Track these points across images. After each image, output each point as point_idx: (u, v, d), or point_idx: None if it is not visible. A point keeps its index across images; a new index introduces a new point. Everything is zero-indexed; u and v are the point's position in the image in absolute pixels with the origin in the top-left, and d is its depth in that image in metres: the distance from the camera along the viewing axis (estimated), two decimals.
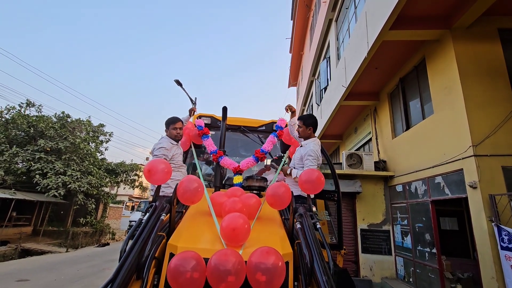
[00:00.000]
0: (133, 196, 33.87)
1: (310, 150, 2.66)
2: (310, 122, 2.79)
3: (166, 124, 2.90)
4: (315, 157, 2.64)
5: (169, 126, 2.88)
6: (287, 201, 2.12)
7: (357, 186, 7.42)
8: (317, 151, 2.67)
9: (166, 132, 2.90)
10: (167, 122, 2.90)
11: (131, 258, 1.54)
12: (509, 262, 3.78)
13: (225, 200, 2.14)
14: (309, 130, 2.80)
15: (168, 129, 2.88)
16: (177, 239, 1.74)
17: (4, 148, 13.21)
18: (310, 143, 2.74)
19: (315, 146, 2.69)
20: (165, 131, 2.91)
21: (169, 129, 2.87)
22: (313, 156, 2.62)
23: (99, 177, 16.60)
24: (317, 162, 2.68)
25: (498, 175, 4.38)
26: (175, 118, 2.96)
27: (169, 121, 2.90)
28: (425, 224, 5.88)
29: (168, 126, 2.88)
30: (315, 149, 2.65)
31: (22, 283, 6.17)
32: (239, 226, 1.70)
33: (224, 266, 1.43)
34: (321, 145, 2.98)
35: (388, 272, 7.04)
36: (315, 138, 2.83)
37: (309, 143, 2.76)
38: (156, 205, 2.00)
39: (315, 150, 2.64)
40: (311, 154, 2.63)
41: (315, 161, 2.63)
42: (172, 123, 2.89)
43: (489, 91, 4.81)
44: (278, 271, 1.48)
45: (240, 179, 2.99)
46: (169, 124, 2.89)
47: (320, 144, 2.84)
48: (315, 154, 2.63)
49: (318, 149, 2.72)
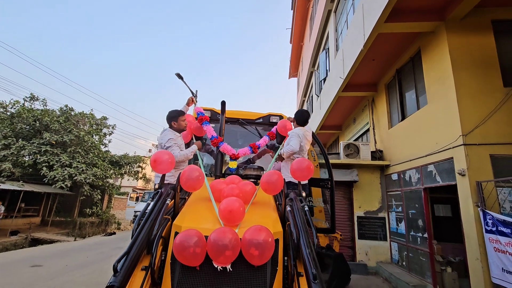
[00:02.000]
0: (136, 188, 34.42)
1: (293, 133, 3.15)
2: (295, 116, 3.38)
3: (174, 117, 3.05)
4: (296, 135, 3.09)
5: (178, 119, 3.06)
6: (280, 187, 2.36)
7: (353, 175, 7.65)
8: (299, 134, 3.11)
9: (174, 124, 3.06)
10: (175, 115, 3.06)
11: (142, 235, 1.79)
12: (493, 244, 4.02)
13: (223, 187, 2.38)
14: (294, 122, 3.34)
15: (177, 121, 3.05)
16: (181, 220, 1.99)
17: (11, 141, 13.52)
18: (294, 129, 3.21)
19: (297, 130, 3.18)
20: (173, 123, 3.07)
21: (178, 121, 3.05)
22: (294, 135, 3.09)
23: (104, 169, 16.97)
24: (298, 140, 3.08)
25: (486, 163, 4.58)
26: (182, 111, 3.18)
27: (177, 114, 3.08)
28: (418, 210, 6.13)
29: (177, 118, 3.06)
30: (296, 131, 3.14)
31: (36, 268, 6.56)
32: (235, 208, 1.94)
33: (222, 241, 1.68)
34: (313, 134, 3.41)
35: (383, 257, 7.35)
36: (300, 127, 3.20)
37: (291, 131, 3.21)
38: (161, 191, 2.24)
39: (296, 132, 3.12)
40: (293, 135, 3.11)
41: (295, 138, 3.06)
42: (182, 115, 3.10)
43: (481, 82, 4.96)
44: (268, 246, 1.72)
45: (235, 165, 3.24)
46: (177, 116, 3.06)
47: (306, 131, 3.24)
48: (295, 134, 3.10)
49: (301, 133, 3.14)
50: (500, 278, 3.88)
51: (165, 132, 3.06)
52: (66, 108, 16.13)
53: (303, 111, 3.33)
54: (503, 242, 3.84)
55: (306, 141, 3.32)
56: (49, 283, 5.39)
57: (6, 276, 5.82)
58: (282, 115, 4.10)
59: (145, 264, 1.81)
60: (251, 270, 1.76)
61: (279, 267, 1.86)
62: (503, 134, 4.67)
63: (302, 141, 3.14)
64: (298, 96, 19.82)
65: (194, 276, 1.72)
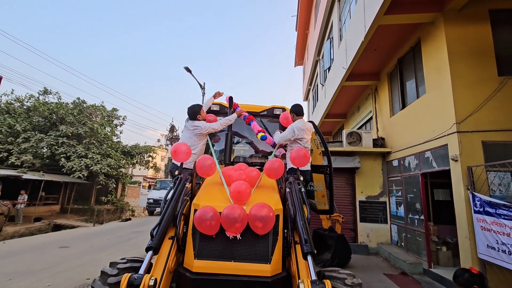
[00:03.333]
0: (147, 177, 35.47)
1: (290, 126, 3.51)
2: (291, 109, 3.70)
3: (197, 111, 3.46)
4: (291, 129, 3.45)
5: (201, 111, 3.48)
6: (281, 172, 2.76)
7: (356, 162, 7.99)
8: (295, 127, 3.44)
9: (199, 117, 3.45)
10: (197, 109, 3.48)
11: (168, 211, 2.24)
12: (480, 224, 4.37)
13: (233, 173, 2.80)
14: (292, 116, 3.65)
15: (200, 114, 3.46)
16: (199, 200, 2.42)
17: (30, 134, 14.23)
18: (293, 123, 3.53)
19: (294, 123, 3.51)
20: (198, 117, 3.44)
21: (201, 114, 3.46)
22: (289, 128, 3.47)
23: (117, 159, 17.68)
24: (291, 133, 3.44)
25: (477, 149, 4.87)
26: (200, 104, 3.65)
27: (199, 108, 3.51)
28: (416, 194, 6.48)
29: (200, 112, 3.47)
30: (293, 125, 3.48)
31: (64, 249, 7.25)
32: (242, 190, 2.36)
33: (233, 215, 2.11)
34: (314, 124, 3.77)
35: (383, 238, 7.78)
36: (300, 120, 3.57)
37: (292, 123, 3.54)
38: (181, 177, 2.67)
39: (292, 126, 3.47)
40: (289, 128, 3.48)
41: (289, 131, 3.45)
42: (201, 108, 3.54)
43: (476, 71, 5.16)
44: (270, 219, 2.15)
45: (262, 134, 3.84)
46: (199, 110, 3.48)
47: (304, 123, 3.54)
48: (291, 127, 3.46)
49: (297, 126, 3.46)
50: (485, 254, 4.25)
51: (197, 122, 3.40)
52: (78, 100, 16.72)
53: (298, 105, 3.68)
54: (488, 221, 4.19)
55: (306, 131, 3.64)
56: (78, 261, 6.04)
57: (39, 256, 6.50)
58: (284, 107, 4.45)
59: (171, 235, 2.27)
60: (256, 239, 2.19)
61: (279, 237, 2.29)
62: (496, 121, 4.92)
63: (297, 133, 3.43)
64: (304, 85, 19.93)
65: (210, 243, 2.16)
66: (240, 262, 2.11)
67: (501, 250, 3.97)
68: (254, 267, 2.09)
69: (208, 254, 2.13)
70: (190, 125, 3.37)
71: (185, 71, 11.59)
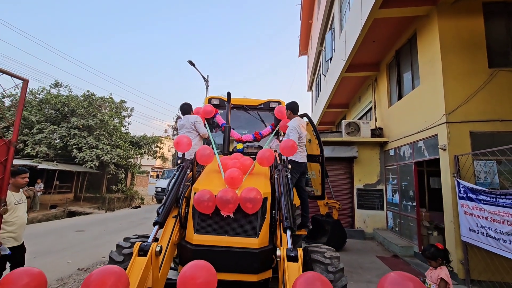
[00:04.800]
0: (155, 166, 36.36)
1: (291, 126, 3.72)
2: (288, 106, 3.90)
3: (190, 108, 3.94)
4: (294, 129, 3.67)
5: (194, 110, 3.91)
6: (271, 161, 3.11)
7: (354, 152, 8.28)
8: (296, 125, 3.68)
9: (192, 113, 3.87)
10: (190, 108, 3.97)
11: (172, 194, 2.62)
12: (463, 209, 4.67)
13: (229, 161, 3.16)
14: (289, 113, 3.87)
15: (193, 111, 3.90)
16: (198, 184, 2.80)
17: (44, 126, 14.87)
18: (291, 122, 3.74)
19: (294, 122, 3.74)
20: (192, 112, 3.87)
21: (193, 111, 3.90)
22: (292, 130, 3.67)
23: (126, 149, 18.31)
24: (296, 134, 3.63)
25: (465, 139, 5.11)
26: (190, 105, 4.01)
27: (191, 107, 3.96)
28: (409, 182, 6.77)
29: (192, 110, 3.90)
30: (293, 124, 3.70)
31: (80, 233, 7.86)
32: (235, 176, 2.72)
33: (226, 197, 2.48)
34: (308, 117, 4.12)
35: (379, 224, 8.13)
36: (295, 118, 3.78)
37: (290, 122, 3.76)
38: (183, 165, 3.04)
39: (294, 126, 3.68)
40: (291, 129, 3.69)
41: (294, 133, 3.66)
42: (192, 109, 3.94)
43: (467, 64, 5.34)
44: (258, 201, 2.51)
45: (241, 146, 4.03)
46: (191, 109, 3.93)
47: (300, 120, 3.80)
48: (293, 128, 3.67)
49: (297, 124, 3.69)
50: (467, 236, 4.57)
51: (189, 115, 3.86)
52: (88, 93, 17.24)
53: (295, 102, 3.97)
54: (470, 206, 4.48)
55: (302, 127, 3.96)
56: (94, 243, 6.60)
57: (59, 238, 7.10)
58: (280, 101, 4.76)
59: (175, 214, 2.66)
60: (246, 217, 2.56)
61: (267, 216, 2.65)
62: (484, 112, 5.13)
63: (299, 131, 3.74)
64: (308, 75, 19.97)
65: (208, 220, 2.55)
66: (232, 236, 2.49)
67: (480, 232, 4.28)
68: (244, 241, 2.47)
69: (206, 230, 2.52)
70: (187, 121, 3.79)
71: (189, 64, 11.87)
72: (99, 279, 1.17)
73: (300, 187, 3.94)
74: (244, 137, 4.17)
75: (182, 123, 3.88)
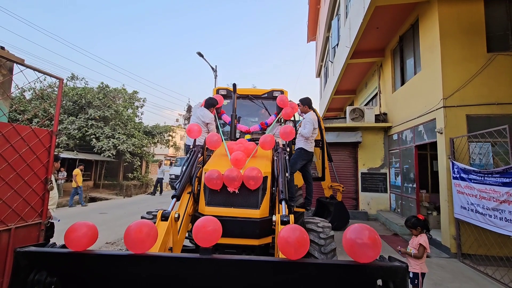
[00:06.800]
0: (168, 155, 37.42)
1: (308, 118, 4.09)
2: (305, 102, 4.28)
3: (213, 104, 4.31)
4: (311, 122, 4.04)
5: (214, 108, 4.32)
6: (272, 145, 3.52)
7: (358, 137, 8.55)
8: (312, 119, 4.06)
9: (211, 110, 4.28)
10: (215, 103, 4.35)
11: (186, 173, 3.08)
12: (456, 188, 4.97)
13: (234, 146, 3.59)
14: (305, 108, 4.25)
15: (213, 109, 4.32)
16: (208, 166, 3.25)
17: (63, 118, 15.70)
18: (308, 115, 4.09)
19: (311, 115, 4.12)
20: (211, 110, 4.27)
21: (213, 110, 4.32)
22: (309, 122, 4.05)
23: (140, 138, 19.08)
24: (312, 126, 4.02)
25: (461, 122, 5.32)
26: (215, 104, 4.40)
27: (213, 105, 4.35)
28: (410, 165, 7.04)
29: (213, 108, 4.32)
30: (310, 117, 4.08)
31: (103, 214, 8.62)
32: (239, 158, 3.15)
33: (232, 176, 2.91)
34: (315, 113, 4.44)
35: (383, 206, 8.48)
36: (310, 112, 4.15)
37: (306, 115, 4.12)
38: (195, 150, 3.49)
39: (311, 118, 4.06)
40: (308, 121, 4.06)
41: (310, 124, 4.02)
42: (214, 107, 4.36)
43: (466, 49, 5.47)
44: (258, 178, 2.93)
45: (249, 137, 4.45)
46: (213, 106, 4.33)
47: (314, 113, 4.19)
48: (310, 120, 4.05)
49: (313, 117, 4.09)
50: (459, 213, 4.89)
51: (206, 111, 4.23)
52: (102, 85, 17.91)
53: (308, 98, 4.33)
54: (462, 186, 4.78)
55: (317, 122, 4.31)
56: (117, 223, 7.28)
57: (85, 219, 7.74)
58: (283, 90, 5.09)
59: (189, 191, 3.13)
60: (249, 192, 3.00)
61: (267, 192, 3.08)
62: (482, 96, 5.31)
63: (315, 125, 4.11)
64: (316, 61, 19.91)
65: (217, 195, 3.00)
66: (237, 208, 2.93)
67: (470, 209, 4.59)
68: (247, 212, 2.91)
69: (215, 203, 2.97)
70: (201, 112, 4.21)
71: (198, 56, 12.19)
72: (138, 227, 1.63)
73: (307, 172, 4.33)
74: (251, 128, 4.58)
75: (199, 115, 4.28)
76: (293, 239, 1.45)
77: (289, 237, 1.45)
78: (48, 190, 2.92)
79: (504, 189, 3.87)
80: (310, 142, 4.11)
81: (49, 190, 2.92)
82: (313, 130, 4.10)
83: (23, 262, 1.39)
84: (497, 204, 3.98)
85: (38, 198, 2.82)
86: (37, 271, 1.40)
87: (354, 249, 1.34)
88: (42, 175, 2.86)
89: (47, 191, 2.92)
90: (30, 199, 2.73)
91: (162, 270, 1.54)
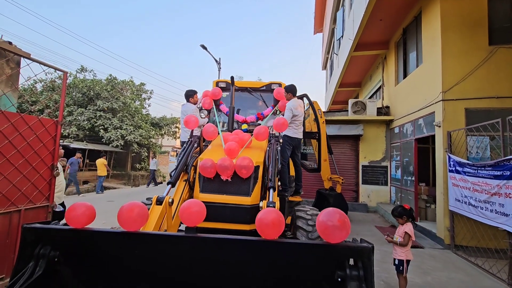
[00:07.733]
0: (175, 147, 37.87)
1: (288, 106, 4.13)
2: (289, 89, 4.29)
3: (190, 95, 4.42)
4: (289, 109, 4.11)
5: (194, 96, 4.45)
6: (265, 136, 3.65)
7: (359, 130, 8.58)
8: (292, 106, 4.09)
9: (191, 99, 4.42)
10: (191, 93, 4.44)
11: (182, 162, 3.26)
12: (452, 181, 5.02)
13: (230, 137, 3.74)
14: (289, 95, 4.25)
15: (193, 98, 4.45)
16: (203, 155, 3.42)
17: (73, 109, 16.13)
18: (289, 103, 4.15)
19: (292, 103, 4.16)
20: (190, 99, 4.40)
21: (193, 98, 4.45)
22: (288, 109, 4.12)
23: (147, 130, 19.44)
24: (291, 113, 4.09)
25: (460, 116, 5.33)
26: (195, 90, 4.53)
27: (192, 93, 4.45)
28: (410, 158, 7.08)
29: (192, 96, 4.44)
30: (289, 105, 4.11)
31: (111, 202, 8.98)
32: (233, 148, 3.30)
33: (224, 164, 3.07)
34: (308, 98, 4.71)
35: (383, 199, 8.56)
36: (293, 99, 4.21)
37: (288, 103, 4.17)
38: (192, 140, 3.66)
39: (290, 106, 4.11)
40: (288, 108, 4.13)
41: (288, 111, 4.09)
42: (195, 94, 4.47)
43: (467, 42, 5.42)
44: (250, 168, 3.08)
45: (246, 126, 4.58)
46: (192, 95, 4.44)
47: (296, 100, 4.23)
48: (289, 107, 4.11)
49: (293, 105, 4.11)
50: (453, 206, 4.96)
51: (187, 105, 4.41)
52: (110, 77, 18.22)
53: (293, 85, 4.38)
54: (457, 178, 4.83)
55: (299, 108, 4.37)
56: None
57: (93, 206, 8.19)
58: (280, 83, 5.19)
59: (185, 178, 3.31)
60: (241, 181, 3.16)
61: (259, 181, 3.23)
62: (481, 89, 5.29)
63: (294, 111, 4.15)
64: (323, 53, 19.72)
65: (211, 182, 3.17)
66: (230, 195, 3.10)
67: (463, 202, 4.66)
68: (239, 199, 3.08)
69: (209, 190, 3.14)
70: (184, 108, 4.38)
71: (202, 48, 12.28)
72: (130, 207, 1.81)
73: (294, 160, 4.46)
74: (248, 118, 4.71)
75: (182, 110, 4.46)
76: (269, 220, 1.60)
77: (265, 219, 1.60)
78: (54, 176, 3.15)
79: (495, 181, 3.93)
80: (294, 128, 4.18)
81: (55, 176, 3.14)
82: (294, 117, 4.18)
83: (29, 237, 1.59)
84: (488, 197, 4.04)
85: (45, 183, 3.04)
86: (42, 246, 1.59)
87: (325, 230, 1.48)
88: (48, 162, 3.08)
89: (53, 176, 3.15)
90: (38, 184, 2.95)
91: (151, 246, 1.72)
